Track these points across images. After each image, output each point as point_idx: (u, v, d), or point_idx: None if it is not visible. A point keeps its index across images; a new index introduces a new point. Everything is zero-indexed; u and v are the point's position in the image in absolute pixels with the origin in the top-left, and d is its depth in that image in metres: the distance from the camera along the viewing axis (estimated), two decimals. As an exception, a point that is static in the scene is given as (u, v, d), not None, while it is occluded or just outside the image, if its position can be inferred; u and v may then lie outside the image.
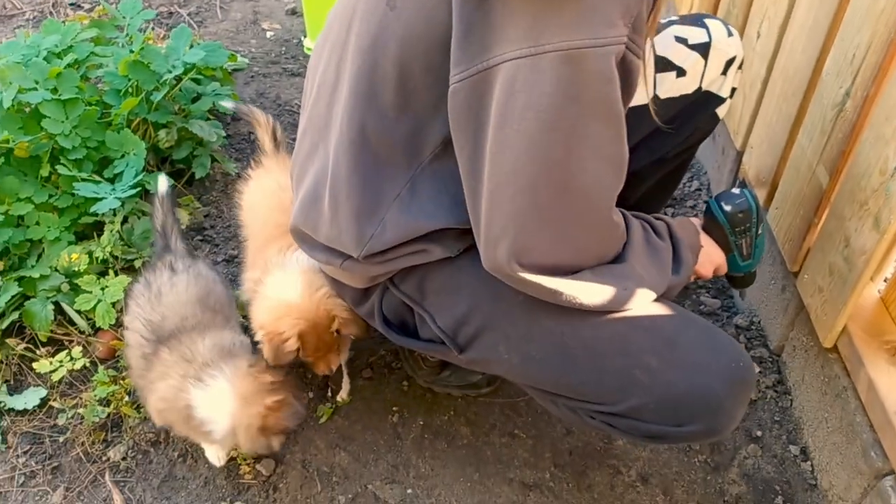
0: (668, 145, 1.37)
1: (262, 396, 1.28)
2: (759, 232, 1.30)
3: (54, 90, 1.69)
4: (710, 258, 1.27)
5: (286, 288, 1.35)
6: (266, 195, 1.53)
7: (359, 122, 1.01)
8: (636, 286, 1.04)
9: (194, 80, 2.01)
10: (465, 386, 1.57)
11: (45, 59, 1.74)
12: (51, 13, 2.82)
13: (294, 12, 2.80)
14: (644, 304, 1.07)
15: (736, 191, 1.28)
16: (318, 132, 1.12)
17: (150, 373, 1.34)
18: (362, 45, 0.99)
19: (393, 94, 0.97)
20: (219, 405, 1.29)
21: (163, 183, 1.55)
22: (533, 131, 0.87)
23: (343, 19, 1.07)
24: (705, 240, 1.25)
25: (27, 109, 1.75)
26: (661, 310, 1.09)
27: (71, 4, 2.87)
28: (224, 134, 1.96)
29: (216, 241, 1.91)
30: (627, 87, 0.90)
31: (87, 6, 2.86)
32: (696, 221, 1.28)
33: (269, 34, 2.72)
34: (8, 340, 1.57)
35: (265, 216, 1.50)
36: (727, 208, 1.26)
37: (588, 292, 1.01)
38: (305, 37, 2.59)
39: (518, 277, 0.98)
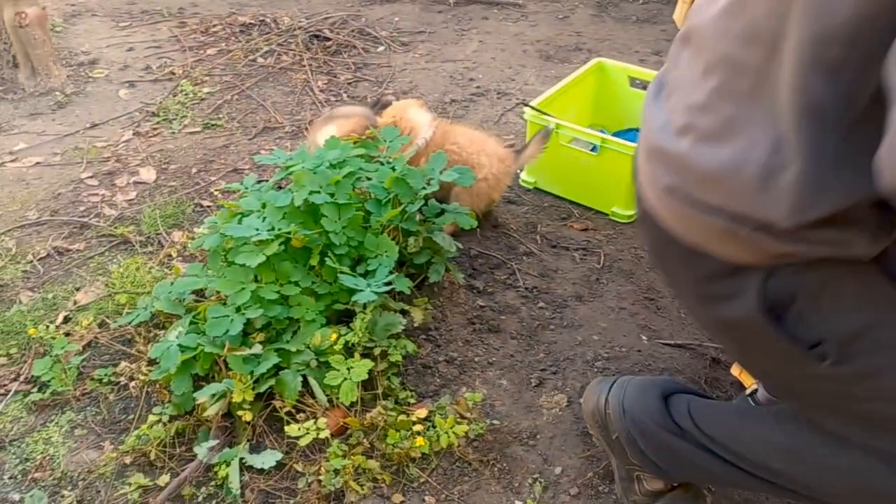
0: None
1: None
2: None
3: (332, 195, 1.99)
4: None
5: None
6: None
7: (804, 87, 1.02)
8: None
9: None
10: (682, 517, 1.56)
11: (327, 168, 2.06)
12: (305, 128, 3.29)
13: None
14: None
15: None
16: (746, 98, 1.10)
17: None
18: (809, 13, 1.00)
19: (837, 54, 0.98)
20: None
21: None
22: None
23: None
24: None
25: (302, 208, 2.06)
26: None
27: (321, 123, 3.33)
28: (460, 247, 2.17)
29: (438, 341, 2.08)
30: None
31: (333, 126, 3.31)
32: None
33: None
34: (274, 402, 1.78)
35: None
36: None
37: None
38: (522, 170, 2.84)
39: None
